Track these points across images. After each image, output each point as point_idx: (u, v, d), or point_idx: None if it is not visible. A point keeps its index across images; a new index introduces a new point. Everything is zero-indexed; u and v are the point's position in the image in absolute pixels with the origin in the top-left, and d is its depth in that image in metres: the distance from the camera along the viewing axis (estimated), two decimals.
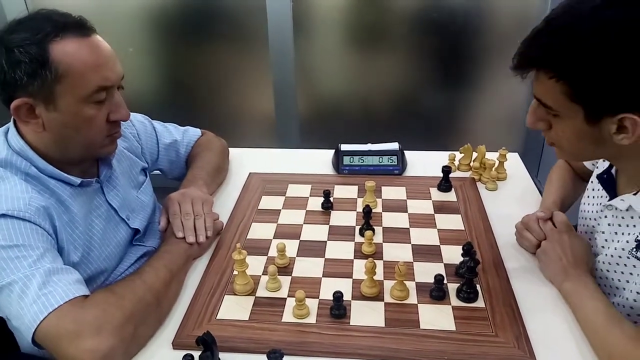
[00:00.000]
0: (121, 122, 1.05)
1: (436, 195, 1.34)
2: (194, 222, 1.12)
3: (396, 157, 1.44)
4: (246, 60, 2.43)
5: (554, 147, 0.95)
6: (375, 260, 1.02)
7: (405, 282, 1.00)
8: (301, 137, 2.54)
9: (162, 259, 1.03)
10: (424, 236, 1.17)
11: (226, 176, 1.45)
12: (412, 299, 0.99)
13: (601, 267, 0.98)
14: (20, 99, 0.91)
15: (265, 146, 1.66)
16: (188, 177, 1.28)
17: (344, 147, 1.47)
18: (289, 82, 2.41)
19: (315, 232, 1.20)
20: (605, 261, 0.96)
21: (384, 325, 0.94)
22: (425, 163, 1.47)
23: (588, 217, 1.03)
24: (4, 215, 0.89)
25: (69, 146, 0.99)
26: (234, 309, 0.98)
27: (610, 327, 0.87)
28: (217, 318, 0.96)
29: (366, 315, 0.96)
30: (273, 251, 1.12)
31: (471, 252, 0.98)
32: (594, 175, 1.07)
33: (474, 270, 0.96)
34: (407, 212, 1.26)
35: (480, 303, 0.98)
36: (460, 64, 2.37)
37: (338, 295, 0.94)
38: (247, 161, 1.53)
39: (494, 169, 1.38)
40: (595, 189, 1.03)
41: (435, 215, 1.25)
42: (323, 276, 1.06)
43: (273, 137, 2.56)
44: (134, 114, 1.28)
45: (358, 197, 1.33)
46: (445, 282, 1.01)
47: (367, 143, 1.48)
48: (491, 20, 2.30)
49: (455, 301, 0.98)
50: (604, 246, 0.97)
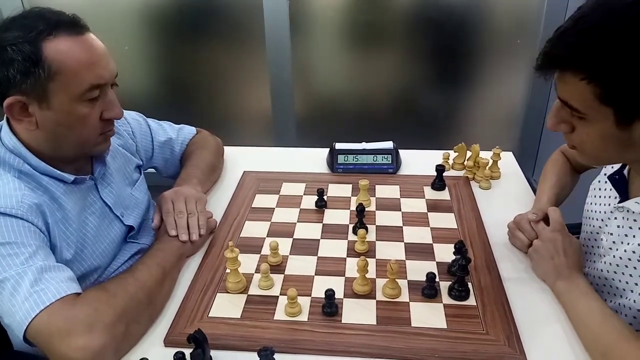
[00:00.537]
0: (115, 120, 1.04)
1: (430, 193, 1.34)
2: (187, 220, 1.12)
3: (390, 156, 1.44)
4: (243, 59, 2.43)
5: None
6: (368, 259, 1.02)
7: (397, 280, 1.00)
8: (298, 136, 2.54)
9: (155, 257, 1.03)
10: (417, 234, 1.17)
11: (221, 174, 1.45)
12: (404, 297, 0.99)
13: (607, 269, 0.96)
14: (13, 97, 0.91)
15: (262, 145, 1.65)
16: (182, 175, 1.28)
17: (339, 145, 1.47)
18: (286, 80, 2.41)
19: (309, 231, 1.20)
20: (613, 262, 0.95)
21: (375, 323, 0.94)
22: (419, 162, 1.47)
23: (594, 217, 1.02)
24: None
25: (62, 144, 0.98)
26: (227, 306, 0.98)
27: (605, 326, 0.87)
28: (210, 316, 0.96)
29: (358, 313, 0.96)
30: (266, 249, 1.12)
31: (463, 251, 0.99)
32: (602, 174, 1.05)
33: (465, 268, 0.97)
34: (400, 210, 1.27)
35: (471, 301, 0.98)
36: (457, 63, 2.37)
37: (330, 293, 0.94)
38: (242, 160, 1.53)
39: (487, 167, 1.38)
40: (605, 188, 1.01)
41: (429, 213, 1.25)
42: (315, 274, 1.06)
43: (270, 136, 2.56)
44: (129, 111, 1.28)
45: (352, 195, 1.33)
46: (438, 280, 1.02)
47: (363, 142, 1.48)
48: (487, 19, 2.30)
49: (447, 299, 0.99)
50: (612, 248, 0.95)
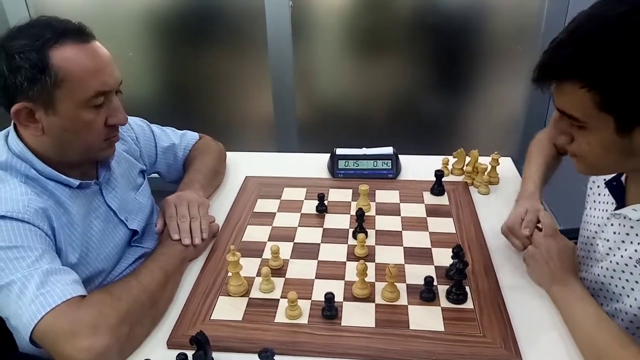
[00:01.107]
0: (119, 126, 1.06)
1: (429, 198, 1.35)
2: (190, 225, 1.14)
3: (390, 161, 1.45)
4: (245, 64, 2.46)
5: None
6: (367, 263, 1.04)
7: (396, 283, 1.02)
8: (300, 141, 2.56)
9: (158, 261, 1.05)
10: (416, 239, 1.19)
11: (223, 179, 1.47)
12: (403, 300, 1.01)
13: (603, 274, 0.98)
14: (20, 104, 0.93)
15: (264, 150, 1.66)
16: (185, 180, 1.30)
17: (339, 151, 1.48)
18: (288, 86, 2.43)
19: (309, 235, 1.22)
20: (610, 268, 0.96)
21: (374, 326, 0.95)
22: (419, 167, 1.49)
23: (592, 222, 1.03)
24: (3, 217, 0.91)
25: (68, 149, 1.00)
26: (228, 309, 1.00)
27: (599, 329, 0.88)
28: (211, 318, 0.98)
29: (357, 316, 0.98)
30: (267, 253, 1.14)
31: (460, 254, 1.00)
32: (601, 180, 1.05)
33: (462, 272, 0.98)
34: (400, 215, 1.28)
35: (469, 304, 0.99)
36: (457, 68, 2.39)
37: (329, 297, 0.96)
38: (244, 165, 1.55)
39: (486, 173, 1.40)
40: (602, 194, 1.02)
41: (428, 218, 1.27)
42: (316, 278, 1.08)
43: (272, 141, 2.58)
44: (133, 117, 1.30)
45: (352, 200, 1.35)
46: (436, 284, 1.03)
47: (364, 147, 1.50)
48: (488, 25, 2.32)
49: (444, 302, 1.00)
50: (608, 254, 0.96)
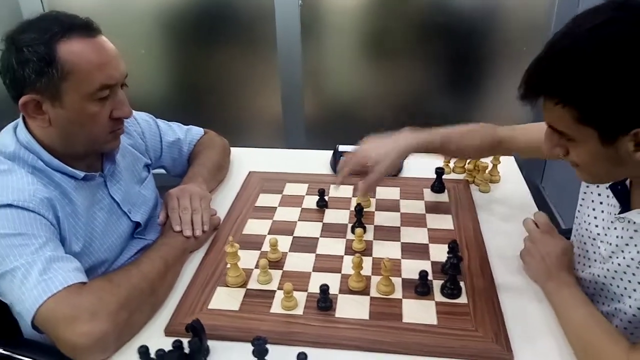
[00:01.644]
0: (125, 120, 1.09)
1: (429, 196, 1.36)
2: (192, 217, 1.16)
3: None
4: (255, 63, 2.48)
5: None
6: (364, 257, 1.06)
7: (391, 278, 1.03)
8: (307, 139, 2.58)
9: (159, 251, 1.07)
10: (414, 235, 1.20)
11: (227, 174, 1.49)
12: (398, 294, 1.02)
13: (605, 274, 0.98)
14: (28, 96, 0.96)
15: (272, 147, 1.68)
16: (189, 174, 1.33)
17: (342, 148, 1.50)
18: (296, 85, 2.45)
19: (309, 229, 1.23)
20: (611, 269, 0.96)
21: (368, 318, 0.97)
22: (421, 164, 1.49)
23: (593, 224, 1.03)
24: (9, 205, 0.94)
25: (74, 141, 1.03)
26: (225, 299, 1.02)
27: (590, 325, 0.89)
28: (209, 308, 1.00)
29: (352, 308, 0.99)
30: (266, 246, 1.16)
31: (455, 249, 1.01)
32: (606, 184, 1.04)
33: (457, 267, 0.99)
34: (399, 211, 1.29)
35: (463, 299, 1.01)
36: (464, 68, 2.40)
37: (324, 288, 0.97)
38: (249, 160, 1.57)
39: (487, 171, 1.40)
40: (606, 195, 1.02)
41: (427, 215, 1.28)
42: (313, 270, 1.09)
43: (280, 139, 2.60)
44: (139, 112, 1.33)
45: (353, 196, 1.36)
46: (431, 278, 1.04)
47: None
48: (498, 27, 2.32)
49: (439, 297, 1.01)
50: (611, 256, 0.96)
